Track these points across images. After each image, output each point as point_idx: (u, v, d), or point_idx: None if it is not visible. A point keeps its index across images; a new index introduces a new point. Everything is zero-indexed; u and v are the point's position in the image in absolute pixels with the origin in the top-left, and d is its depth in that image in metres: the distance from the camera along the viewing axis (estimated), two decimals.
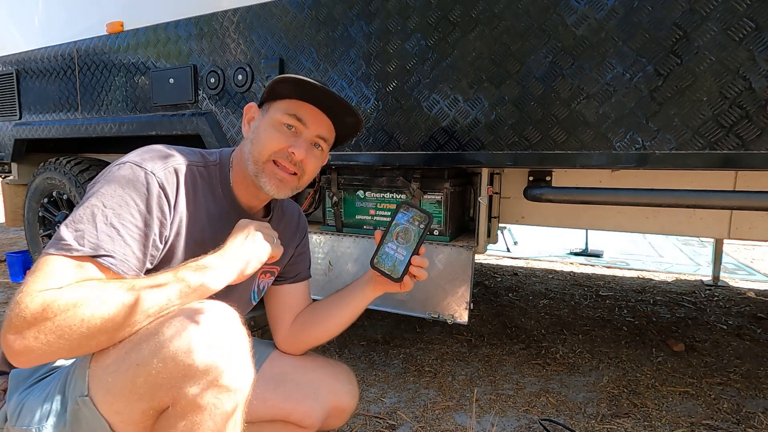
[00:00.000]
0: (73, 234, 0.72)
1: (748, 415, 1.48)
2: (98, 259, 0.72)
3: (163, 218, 0.81)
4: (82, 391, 0.72)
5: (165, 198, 0.81)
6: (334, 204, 1.74)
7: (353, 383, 1.13)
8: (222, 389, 0.69)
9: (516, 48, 1.29)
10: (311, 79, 0.87)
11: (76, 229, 0.73)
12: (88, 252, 0.71)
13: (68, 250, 0.71)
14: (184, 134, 1.90)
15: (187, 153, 0.90)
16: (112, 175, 0.79)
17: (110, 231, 0.74)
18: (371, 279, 1.03)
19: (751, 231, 1.61)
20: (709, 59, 1.09)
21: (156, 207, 0.80)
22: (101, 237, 0.73)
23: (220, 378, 0.68)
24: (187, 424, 0.68)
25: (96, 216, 0.74)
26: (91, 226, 0.73)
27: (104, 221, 0.74)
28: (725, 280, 3.16)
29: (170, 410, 0.69)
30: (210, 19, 1.78)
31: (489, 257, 3.93)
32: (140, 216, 0.78)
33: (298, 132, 0.92)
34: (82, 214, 0.74)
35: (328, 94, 0.90)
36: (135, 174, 0.79)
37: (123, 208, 0.76)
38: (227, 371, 0.69)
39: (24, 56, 2.44)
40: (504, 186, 1.86)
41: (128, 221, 0.76)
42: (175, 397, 0.68)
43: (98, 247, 0.72)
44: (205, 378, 0.67)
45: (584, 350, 1.97)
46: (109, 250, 0.73)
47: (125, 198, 0.77)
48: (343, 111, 0.94)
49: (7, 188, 2.96)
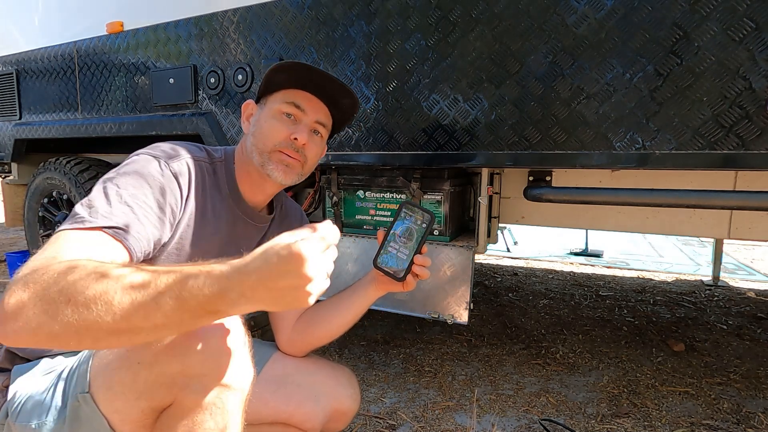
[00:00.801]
0: (87, 210, 0.72)
1: (748, 415, 1.48)
2: (110, 230, 0.70)
3: (175, 206, 0.82)
4: (83, 388, 0.72)
5: (178, 186, 0.83)
6: (334, 204, 1.74)
7: (355, 387, 1.13)
8: (222, 388, 0.69)
9: (516, 48, 1.29)
10: (303, 62, 0.90)
11: (90, 206, 0.72)
12: (102, 223, 0.70)
13: (81, 222, 0.69)
14: (184, 134, 1.90)
15: (194, 149, 0.91)
16: (126, 164, 0.81)
17: (125, 209, 0.74)
18: (374, 279, 1.03)
19: (751, 231, 1.61)
20: (709, 59, 1.09)
21: (170, 193, 0.81)
22: (116, 212, 0.72)
23: (220, 377, 0.68)
24: (187, 423, 0.68)
25: (110, 195, 0.74)
26: (106, 203, 0.73)
27: (119, 200, 0.74)
28: (725, 280, 3.16)
29: (171, 409, 0.69)
30: (210, 19, 1.78)
31: (489, 257, 3.93)
32: (154, 199, 0.78)
33: (297, 119, 0.94)
34: (96, 194, 0.74)
35: (322, 75, 0.92)
36: (149, 162, 0.81)
37: (138, 189, 0.77)
38: (227, 371, 0.69)
39: (24, 56, 2.43)
40: (504, 186, 1.86)
41: (143, 202, 0.76)
42: (175, 397, 0.68)
43: (111, 220, 0.71)
44: (206, 377, 0.67)
45: (584, 350, 1.97)
46: (122, 224, 0.72)
47: (140, 181, 0.78)
48: (338, 92, 0.96)
49: (7, 188, 2.96)
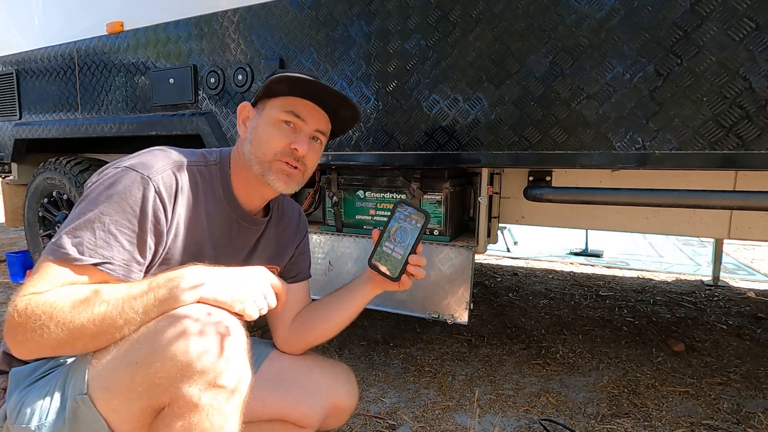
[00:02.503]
0: (71, 240, 0.75)
1: (748, 415, 1.48)
2: (98, 267, 0.75)
3: (157, 223, 0.82)
4: (82, 389, 0.73)
5: (161, 203, 0.82)
6: (334, 204, 1.74)
7: (353, 383, 1.13)
8: (220, 389, 0.69)
9: (516, 48, 1.29)
10: (306, 75, 0.89)
11: (74, 236, 0.75)
12: (89, 261, 0.74)
13: (67, 260, 0.74)
14: (184, 134, 1.90)
15: (186, 154, 0.91)
16: (109, 179, 0.80)
17: (108, 237, 0.76)
18: (370, 278, 1.03)
19: (751, 231, 1.61)
20: (709, 59, 1.09)
21: (151, 211, 0.80)
22: (99, 244, 0.75)
23: (218, 378, 0.68)
24: (184, 423, 0.69)
25: (94, 223, 0.76)
26: (90, 233, 0.76)
27: (102, 228, 0.76)
28: (725, 280, 3.16)
29: (168, 409, 0.70)
30: (210, 19, 1.78)
31: (489, 257, 3.93)
32: (135, 220, 0.79)
33: (297, 128, 0.93)
34: (79, 220, 0.76)
35: (323, 89, 0.91)
36: (132, 179, 0.80)
37: (119, 214, 0.78)
38: (225, 372, 0.69)
39: (24, 56, 2.44)
40: (504, 186, 1.86)
41: (125, 226, 0.78)
42: (173, 397, 0.68)
43: (96, 255, 0.75)
44: (203, 378, 0.68)
45: (584, 350, 1.97)
46: (108, 257, 0.76)
47: (122, 204, 0.78)
48: (339, 104, 0.95)
49: (7, 188, 2.96)
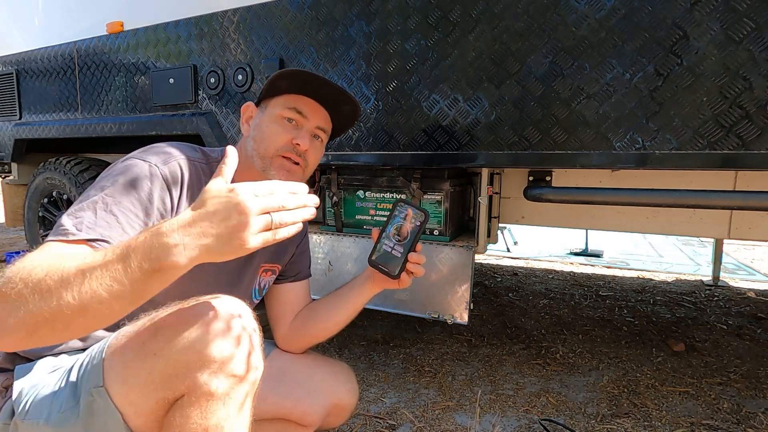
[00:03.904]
0: (72, 221, 0.73)
1: (748, 415, 1.48)
2: (94, 243, 0.72)
3: (164, 209, 0.82)
4: (97, 383, 0.73)
5: (168, 190, 0.83)
6: (334, 204, 1.74)
7: (353, 381, 1.14)
8: (235, 378, 0.70)
9: (516, 48, 1.29)
10: (307, 70, 0.92)
11: (75, 216, 0.74)
12: (84, 236, 0.72)
13: (65, 235, 0.72)
14: (184, 134, 1.90)
15: (189, 150, 0.91)
16: (116, 168, 0.82)
17: (109, 218, 0.75)
18: (369, 276, 1.04)
19: (751, 231, 1.61)
20: (709, 59, 1.09)
21: (158, 197, 0.81)
22: (99, 223, 0.74)
23: (233, 368, 0.70)
24: (200, 412, 0.70)
25: (96, 203, 0.76)
26: (91, 212, 0.75)
27: (104, 208, 0.76)
28: (725, 280, 3.16)
29: (184, 399, 0.71)
30: (210, 19, 1.78)
31: (489, 257, 3.93)
32: (140, 204, 0.79)
33: (299, 125, 0.95)
34: (83, 202, 0.76)
35: (324, 84, 0.93)
36: (138, 166, 0.81)
37: (123, 196, 0.78)
38: (240, 361, 0.71)
39: (24, 56, 2.43)
40: (504, 186, 1.86)
41: (128, 209, 0.77)
42: (189, 386, 0.69)
43: (94, 232, 0.73)
44: (220, 367, 0.69)
45: (584, 350, 1.97)
46: (105, 236, 0.74)
47: (127, 187, 0.78)
48: (340, 99, 0.97)
49: (7, 188, 2.96)
